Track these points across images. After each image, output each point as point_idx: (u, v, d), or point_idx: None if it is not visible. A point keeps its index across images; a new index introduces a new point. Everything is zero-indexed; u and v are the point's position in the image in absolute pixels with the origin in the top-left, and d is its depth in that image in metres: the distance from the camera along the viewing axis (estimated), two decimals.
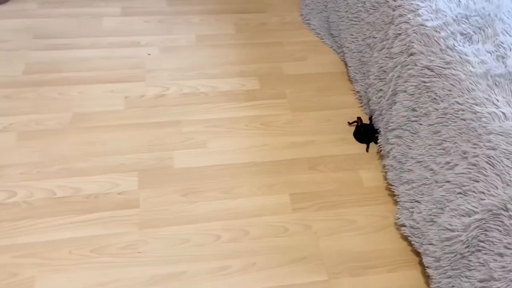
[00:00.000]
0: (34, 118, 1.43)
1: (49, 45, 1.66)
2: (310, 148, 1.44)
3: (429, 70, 1.13)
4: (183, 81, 1.60)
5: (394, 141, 1.28)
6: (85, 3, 1.85)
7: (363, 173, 1.39)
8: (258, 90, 1.61)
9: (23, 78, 1.54)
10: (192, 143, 1.41)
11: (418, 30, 1.18)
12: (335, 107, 1.58)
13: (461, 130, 1.02)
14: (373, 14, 1.43)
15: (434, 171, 1.11)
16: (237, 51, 1.74)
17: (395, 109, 1.28)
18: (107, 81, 1.56)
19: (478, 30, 1.12)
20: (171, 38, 1.76)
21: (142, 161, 1.35)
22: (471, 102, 1.01)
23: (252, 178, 1.35)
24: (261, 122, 1.50)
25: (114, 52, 1.67)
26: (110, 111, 1.47)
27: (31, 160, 1.31)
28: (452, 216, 1.00)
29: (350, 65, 1.62)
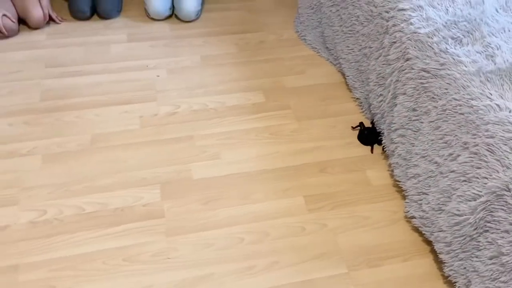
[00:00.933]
0: (55, 141, 1.50)
1: (62, 73, 1.74)
2: (318, 153, 1.53)
3: (426, 72, 1.24)
4: (193, 99, 1.69)
5: (398, 140, 1.37)
6: (92, 32, 1.94)
7: (370, 173, 1.48)
8: (263, 103, 1.70)
9: (40, 105, 1.62)
10: (207, 155, 1.50)
11: (412, 37, 1.30)
12: (337, 114, 1.68)
13: (460, 124, 1.12)
14: (368, 26, 1.55)
15: (439, 163, 1.20)
16: (240, 68, 1.84)
17: (396, 110, 1.38)
18: (121, 103, 1.65)
19: (467, 33, 1.23)
20: (177, 60, 1.85)
21: (162, 175, 1.43)
22: (467, 97, 1.11)
23: (266, 184, 1.43)
24: (269, 132, 1.59)
25: (124, 75, 1.76)
26: (126, 130, 1.55)
27: (57, 180, 1.38)
28: (459, 202, 1.09)
29: (348, 74, 1.73)
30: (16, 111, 1.59)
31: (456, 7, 1.30)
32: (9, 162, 1.42)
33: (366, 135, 1.56)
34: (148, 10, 2.02)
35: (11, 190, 1.35)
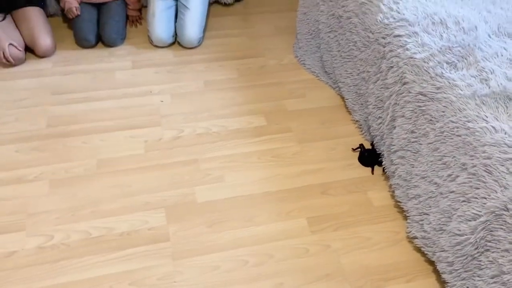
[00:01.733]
0: (62, 166, 1.53)
1: (68, 100, 1.79)
2: (320, 175, 1.56)
3: (423, 95, 1.28)
4: (196, 123, 1.73)
5: (398, 162, 1.41)
6: (97, 59, 2.00)
7: (372, 194, 1.51)
8: (265, 126, 1.74)
9: (47, 131, 1.65)
10: (211, 178, 1.52)
11: (409, 62, 1.35)
12: (338, 136, 1.71)
13: (458, 145, 1.15)
14: (365, 51, 1.60)
15: (438, 184, 1.23)
16: (242, 92, 1.89)
17: (395, 133, 1.41)
18: (126, 128, 1.68)
19: (461, 58, 1.28)
20: (181, 85, 1.90)
21: (167, 198, 1.45)
22: (463, 120, 1.15)
23: (270, 206, 1.45)
24: (272, 154, 1.62)
25: (129, 101, 1.80)
26: (132, 155, 1.58)
27: (64, 205, 1.40)
28: (460, 222, 1.11)
29: (347, 97, 1.78)
30: (23, 138, 1.62)
31: (450, 33, 1.35)
32: (16, 188, 1.45)
33: (366, 157, 1.59)
34: (151, 37, 2.08)
35: (19, 216, 1.37)
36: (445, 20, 1.38)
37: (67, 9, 2.00)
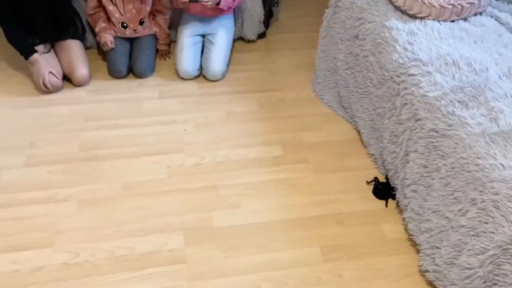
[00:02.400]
0: (90, 188, 1.62)
1: (99, 126, 1.91)
2: (335, 205, 1.60)
3: (435, 132, 1.34)
4: (217, 151, 1.81)
5: (411, 195, 1.44)
6: (128, 89, 2.13)
7: (385, 226, 1.54)
8: (282, 156, 1.81)
9: (78, 154, 1.76)
10: (229, 204, 1.59)
11: (422, 100, 1.41)
12: (353, 169, 1.77)
13: (468, 181, 1.19)
14: (381, 88, 1.67)
15: (449, 218, 1.26)
16: (262, 123, 1.97)
17: (408, 167, 1.46)
18: (151, 154, 1.78)
19: (472, 98, 1.34)
20: (204, 116, 2.00)
21: (186, 222, 1.52)
22: (473, 156, 1.19)
23: (284, 233, 1.50)
24: (288, 183, 1.68)
25: (155, 129, 1.91)
26: (155, 179, 1.67)
27: (90, 225, 1.49)
28: (469, 256, 1.14)
29: (363, 132, 1.84)
30: (56, 160, 1.73)
31: (462, 73, 1.41)
32: (46, 207, 1.54)
33: (380, 190, 1.63)
34: (178, 70, 2.20)
35: (47, 233, 1.46)
36: (457, 61, 1.45)
37: (102, 43, 2.16)
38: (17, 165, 1.70)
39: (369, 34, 1.73)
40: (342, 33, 1.92)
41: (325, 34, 2.06)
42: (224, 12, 2.19)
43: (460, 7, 1.61)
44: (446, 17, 1.63)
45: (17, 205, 1.55)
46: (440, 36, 1.56)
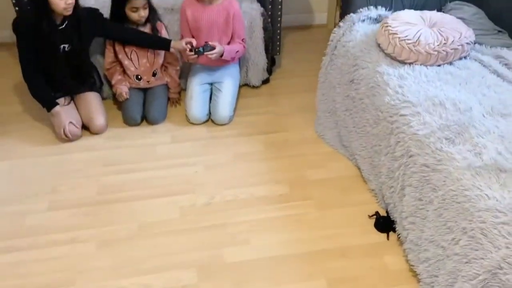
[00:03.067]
0: (108, 229, 1.74)
1: (116, 171, 2.04)
2: (339, 239, 1.69)
3: (426, 167, 1.45)
4: (226, 191, 1.93)
5: (409, 227, 1.54)
6: (142, 135, 2.28)
7: (387, 258, 1.62)
8: (288, 194, 1.92)
9: (97, 198, 1.89)
10: (238, 241, 1.69)
11: (413, 137, 1.53)
12: (355, 204, 1.87)
13: (458, 211, 1.29)
14: (376, 127, 1.80)
15: (444, 247, 1.35)
16: (268, 163, 2.10)
17: (405, 200, 1.56)
18: (164, 195, 1.90)
19: (458, 135, 1.46)
20: (213, 158, 2.13)
21: (199, 259, 1.61)
22: (461, 188, 1.30)
23: (292, 267, 1.58)
24: (294, 219, 1.78)
25: (168, 172, 2.04)
26: (168, 219, 1.78)
27: (109, 264, 1.59)
28: (464, 282, 1.22)
29: (362, 168, 1.95)
30: (76, 204, 1.86)
31: (448, 113, 1.54)
32: (68, 248, 1.66)
33: (381, 223, 1.73)
34: (188, 116, 2.36)
35: (69, 272, 1.56)
36: (444, 102, 1.58)
37: (118, 94, 2.34)
38: (41, 210, 1.83)
39: (363, 79, 1.88)
40: (339, 78, 2.08)
41: (323, 79, 2.22)
42: (229, 62, 2.37)
43: (445, 52, 1.77)
44: (433, 62, 1.78)
45: (41, 247, 1.66)
46: (428, 80, 1.71)
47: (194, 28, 2.33)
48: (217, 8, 2.29)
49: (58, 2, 1.95)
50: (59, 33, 2.07)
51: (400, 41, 1.78)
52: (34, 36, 2.02)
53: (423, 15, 1.93)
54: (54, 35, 2.05)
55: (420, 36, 1.77)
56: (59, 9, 1.97)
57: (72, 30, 2.09)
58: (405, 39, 1.78)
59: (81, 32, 2.12)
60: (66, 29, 2.08)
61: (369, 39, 1.99)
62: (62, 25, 2.07)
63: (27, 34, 2.02)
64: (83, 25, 2.11)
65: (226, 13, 2.28)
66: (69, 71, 2.19)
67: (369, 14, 2.11)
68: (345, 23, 2.12)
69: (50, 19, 2.01)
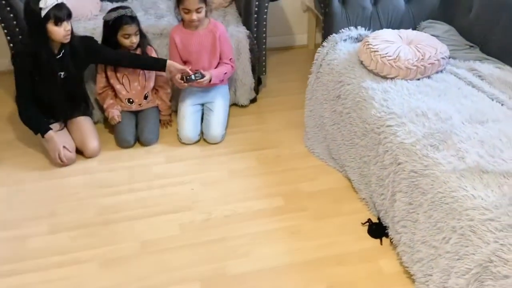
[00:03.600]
0: (110, 249, 1.76)
1: (113, 192, 2.08)
2: (335, 247, 1.77)
3: (414, 172, 1.55)
4: (223, 206, 1.98)
5: (401, 231, 1.62)
6: (136, 156, 2.33)
7: (382, 262, 1.70)
8: (283, 206, 1.99)
9: (96, 219, 1.92)
10: (239, 254, 1.74)
11: (400, 146, 1.64)
12: (347, 213, 1.95)
13: (447, 211, 1.39)
14: (364, 139, 1.91)
15: (436, 247, 1.44)
16: (262, 178, 2.17)
17: (396, 205, 1.65)
18: (163, 213, 1.94)
19: (442, 142, 1.57)
20: (208, 175, 2.19)
21: (201, 273, 1.66)
22: (448, 190, 1.40)
23: (293, 275, 1.64)
24: (291, 231, 1.85)
25: (165, 190, 2.08)
26: (169, 236, 1.82)
27: (113, 282, 1.62)
28: (457, 277, 1.31)
29: (353, 179, 2.05)
30: (76, 226, 1.88)
31: (431, 122, 1.65)
32: (71, 269, 1.67)
33: (374, 229, 1.81)
34: (180, 136, 2.43)
35: None
36: (426, 112, 1.70)
37: (110, 117, 2.39)
38: (41, 233, 1.84)
39: (349, 94, 1.99)
40: (326, 94, 2.19)
41: (310, 96, 2.33)
42: (219, 83, 2.46)
43: (423, 67, 1.90)
44: (412, 76, 1.91)
45: (45, 269, 1.67)
46: (409, 92, 1.83)
47: (184, 53, 2.42)
48: (204, 32, 2.39)
49: (58, 30, 2.02)
50: (57, 61, 2.12)
51: (382, 58, 1.91)
52: (34, 66, 2.08)
53: (400, 34, 2.07)
54: (52, 64, 2.10)
55: (400, 52, 1.91)
56: (59, 37, 2.04)
57: (68, 58, 2.15)
58: (386, 56, 1.91)
59: (77, 60, 2.18)
60: (63, 58, 2.14)
61: (352, 57, 2.11)
62: (59, 54, 2.13)
63: (27, 64, 2.07)
64: (78, 53, 2.17)
65: (213, 36, 2.39)
66: (64, 97, 2.24)
67: (350, 34, 2.25)
68: (328, 42, 2.25)
69: (48, 48, 2.07)
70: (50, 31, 2.01)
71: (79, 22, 2.53)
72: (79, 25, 2.48)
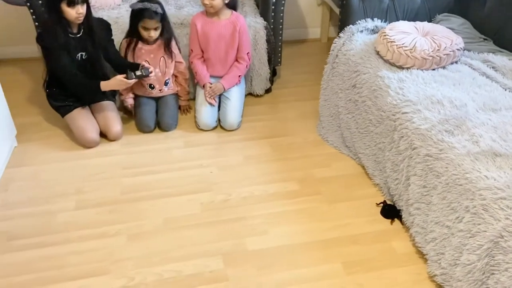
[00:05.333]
0: (135, 224, 1.85)
1: (135, 173, 2.16)
2: (349, 228, 1.84)
3: (429, 156, 1.62)
4: (241, 188, 2.06)
5: (415, 213, 1.70)
6: (157, 141, 2.41)
7: (395, 244, 1.78)
8: (298, 190, 2.07)
9: (121, 197, 2.00)
10: (258, 232, 1.82)
11: (415, 132, 1.71)
12: (361, 197, 2.02)
13: (460, 192, 1.46)
14: (379, 126, 1.98)
15: (449, 226, 1.51)
16: (276, 164, 2.25)
17: (410, 189, 1.73)
18: (184, 193, 2.02)
19: (456, 127, 1.64)
20: (225, 160, 2.27)
21: (223, 247, 1.74)
22: (462, 172, 1.47)
23: (308, 253, 1.72)
24: (306, 212, 1.93)
25: (184, 173, 2.17)
26: (190, 214, 1.91)
27: (140, 254, 1.70)
28: (469, 254, 1.38)
29: (367, 165, 2.12)
30: (102, 203, 1.97)
31: (446, 109, 1.72)
32: (100, 242, 1.76)
33: (387, 210, 1.88)
34: (198, 123, 2.50)
35: (104, 263, 1.66)
36: (441, 100, 1.77)
37: (125, 105, 2.48)
38: (69, 208, 1.93)
39: (365, 83, 2.06)
40: (341, 84, 2.26)
41: (326, 85, 2.40)
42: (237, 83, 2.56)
43: (439, 58, 1.97)
44: (428, 67, 1.98)
45: (75, 241, 1.76)
46: (425, 82, 1.90)
47: (203, 41, 2.50)
48: (225, 22, 2.47)
49: (70, 12, 2.09)
50: (75, 41, 2.20)
51: (398, 48, 1.98)
52: (56, 45, 2.15)
53: (416, 25, 2.14)
54: (70, 43, 2.18)
55: (416, 43, 1.97)
56: (71, 18, 2.12)
57: (87, 38, 2.23)
58: (402, 46, 1.98)
59: (94, 40, 2.26)
60: (81, 37, 2.22)
61: (368, 48, 2.18)
62: (78, 33, 2.21)
63: (51, 41, 2.14)
64: (95, 33, 2.25)
65: (233, 27, 2.46)
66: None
67: (366, 25, 2.31)
68: (345, 33, 2.32)
69: (65, 28, 2.15)
70: (63, 11, 2.09)
71: (103, 11, 2.62)
72: (103, 14, 2.56)
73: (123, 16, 2.55)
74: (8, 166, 2.19)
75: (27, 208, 1.93)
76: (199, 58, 2.55)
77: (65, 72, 2.20)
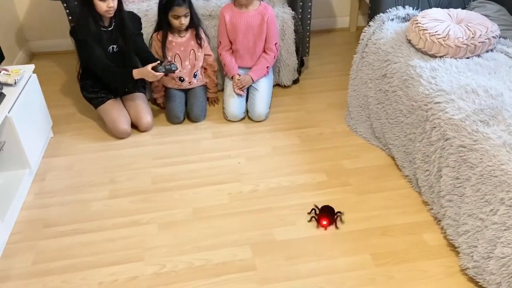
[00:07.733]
0: (166, 213, 1.89)
1: (166, 163, 2.20)
2: (378, 220, 1.83)
3: (463, 147, 1.58)
4: (269, 179, 2.07)
5: (447, 205, 1.66)
6: (186, 132, 2.44)
7: (426, 236, 1.75)
8: (327, 181, 2.06)
9: (152, 187, 2.05)
10: (286, 222, 1.83)
11: (449, 122, 1.67)
12: (391, 189, 2.00)
13: (496, 184, 1.42)
14: (410, 117, 1.94)
15: (483, 219, 1.47)
16: (304, 155, 2.24)
17: (442, 180, 1.69)
18: (213, 184, 2.05)
19: (492, 117, 1.59)
20: (253, 150, 2.28)
21: (251, 237, 1.76)
22: (498, 163, 1.43)
23: (337, 244, 1.72)
24: (335, 203, 1.90)
25: (213, 163, 2.19)
26: (219, 204, 1.93)
27: (171, 242, 1.74)
28: (503, 247, 1.34)
29: (397, 156, 2.08)
30: (134, 192, 2.02)
31: (481, 99, 1.67)
32: (133, 230, 1.82)
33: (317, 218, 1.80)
34: (226, 114, 2.52)
35: (137, 250, 1.72)
36: (476, 89, 1.72)
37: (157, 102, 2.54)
38: (103, 198, 1.99)
39: (396, 73, 2.02)
40: (371, 74, 2.23)
41: (355, 75, 2.37)
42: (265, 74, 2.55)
43: (473, 45, 1.91)
44: (462, 55, 1.92)
45: (109, 229, 1.82)
46: (458, 70, 1.85)
47: (231, 32, 2.50)
48: (253, 13, 2.46)
49: (101, 5, 2.15)
50: (107, 34, 2.25)
51: (431, 36, 1.93)
52: (89, 38, 2.21)
53: (450, 13, 2.07)
54: (102, 36, 2.23)
55: (449, 31, 1.92)
56: (101, 11, 2.17)
57: (118, 31, 2.28)
58: (435, 34, 1.92)
59: (125, 33, 2.30)
60: (112, 31, 2.27)
61: (399, 36, 2.14)
62: (110, 26, 2.26)
63: (84, 34, 2.20)
64: (126, 27, 2.29)
65: (261, 18, 2.46)
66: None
67: (397, 14, 2.26)
68: (375, 22, 2.27)
69: (96, 20, 2.20)
70: (95, 4, 2.15)
71: (133, 4, 2.66)
72: (133, 7, 2.60)
73: (153, 8, 2.59)
74: (45, 156, 2.28)
75: (63, 196, 2.01)
76: (228, 50, 2.56)
77: (98, 63, 2.26)
